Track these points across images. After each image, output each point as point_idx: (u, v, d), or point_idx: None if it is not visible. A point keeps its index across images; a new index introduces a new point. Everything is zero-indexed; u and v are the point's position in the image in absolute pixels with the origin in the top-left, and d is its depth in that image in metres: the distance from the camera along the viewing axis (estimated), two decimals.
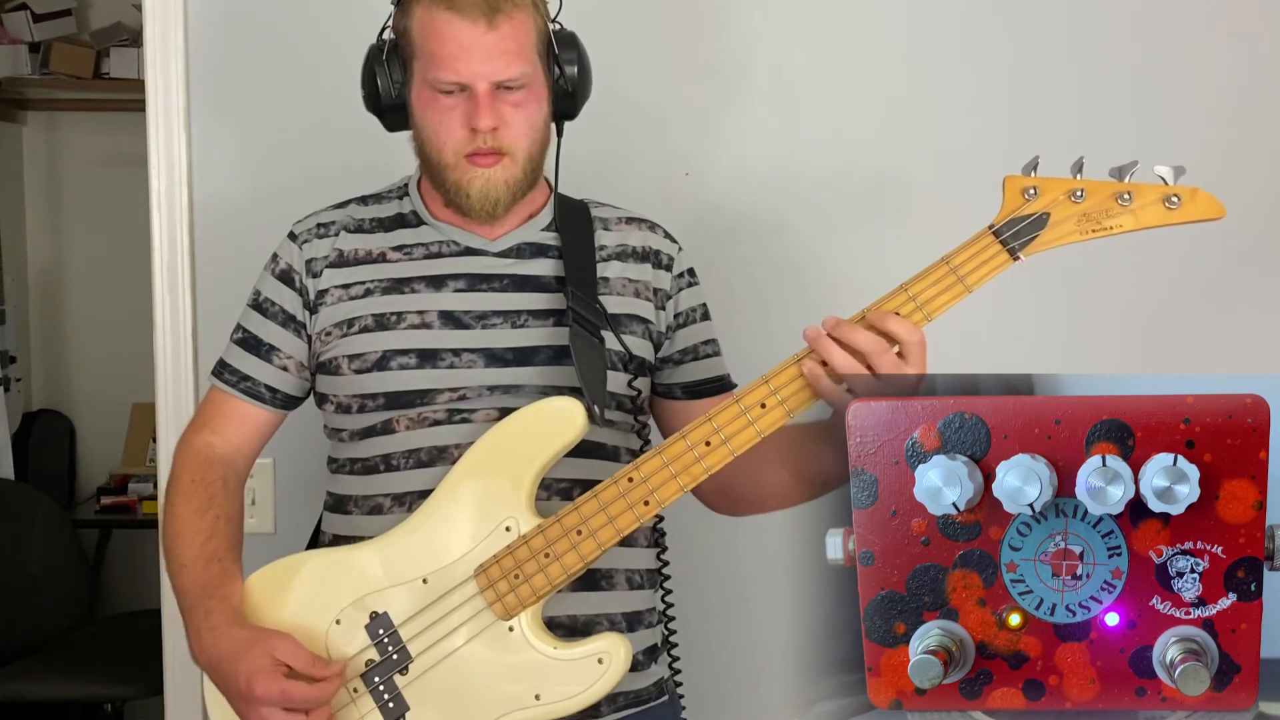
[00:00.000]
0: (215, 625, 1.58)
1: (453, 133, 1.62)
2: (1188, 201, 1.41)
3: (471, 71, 1.59)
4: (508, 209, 1.66)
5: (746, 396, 1.50)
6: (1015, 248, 1.44)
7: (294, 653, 1.54)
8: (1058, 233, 1.44)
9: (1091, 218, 1.43)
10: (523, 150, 1.63)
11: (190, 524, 1.66)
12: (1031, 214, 1.44)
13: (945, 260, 1.46)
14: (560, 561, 1.54)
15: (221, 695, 1.60)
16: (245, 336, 1.74)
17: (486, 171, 1.62)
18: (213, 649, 1.58)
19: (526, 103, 1.62)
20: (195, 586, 1.62)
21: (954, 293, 1.45)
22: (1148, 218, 1.42)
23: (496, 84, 1.60)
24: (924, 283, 1.46)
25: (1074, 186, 1.43)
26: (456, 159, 1.63)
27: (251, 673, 1.52)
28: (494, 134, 1.61)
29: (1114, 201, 1.42)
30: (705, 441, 1.51)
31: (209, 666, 1.59)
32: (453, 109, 1.61)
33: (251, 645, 1.55)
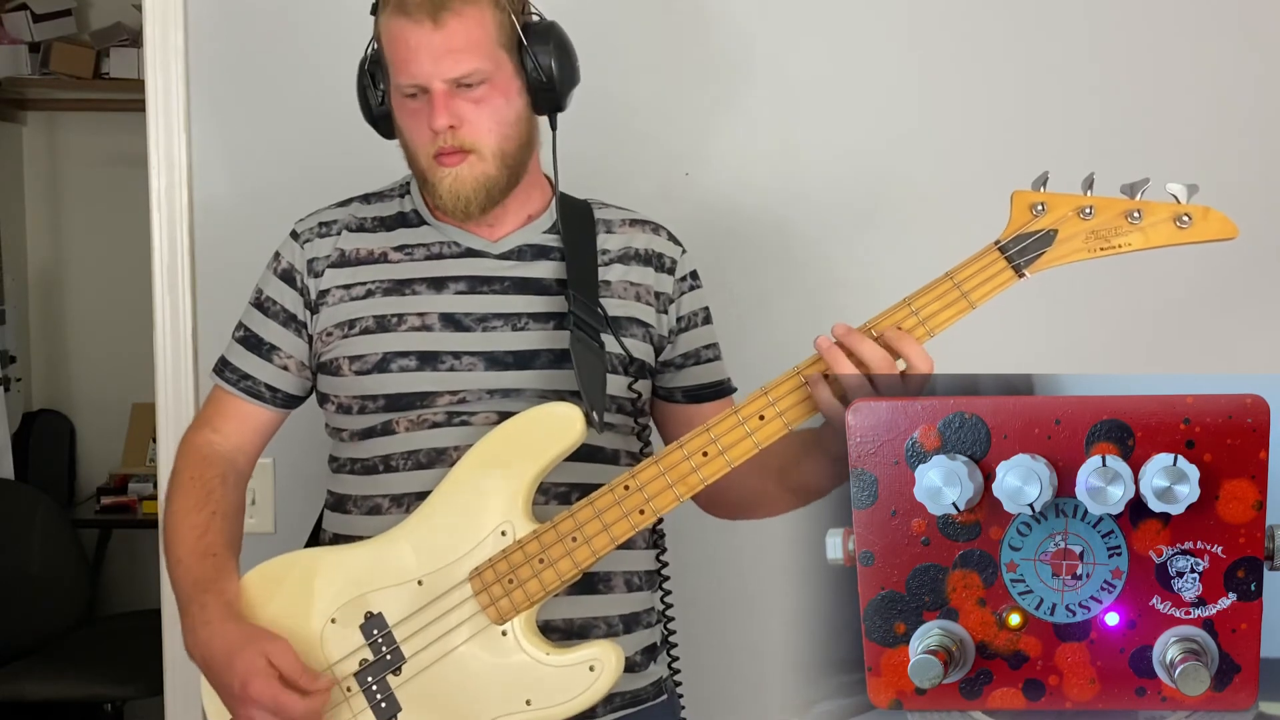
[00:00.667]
0: (210, 620, 1.58)
1: (418, 135, 1.62)
2: (1199, 221, 1.39)
3: (423, 72, 1.59)
4: (484, 207, 1.65)
5: (745, 408, 1.50)
6: (1021, 265, 1.43)
7: (286, 659, 1.54)
8: (1064, 250, 1.42)
9: (1100, 235, 1.40)
10: (490, 146, 1.62)
11: (186, 519, 1.67)
12: (1039, 230, 1.42)
13: (949, 275, 1.45)
14: (554, 567, 1.54)
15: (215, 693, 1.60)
16: (246, 335, 1.74)
17: (453, 170, 1.62)
18: (206, 644, 1.58)
19: (489, 98, 1.61)
20: (190, 580, 1.63)
21: (957, 309, 1.45)
22: (1158, 236, 1.40)
23: (452, 82, 1.59)
24: (927, 297, 1.45)
25: (1083, 203, 1.41)
26: (428, 161, 1.63)
27: (246, 673, 1.52)
28: (453, 133, 1.60)
29: (1123, 219, 1.40)
30: (703, 452, 1.50)
31: (203, 661, 1.59)
32: (417, 112, 1.62)
33: (246, 644, 1.55)
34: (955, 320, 1.45)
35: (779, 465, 1.61)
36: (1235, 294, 2.25)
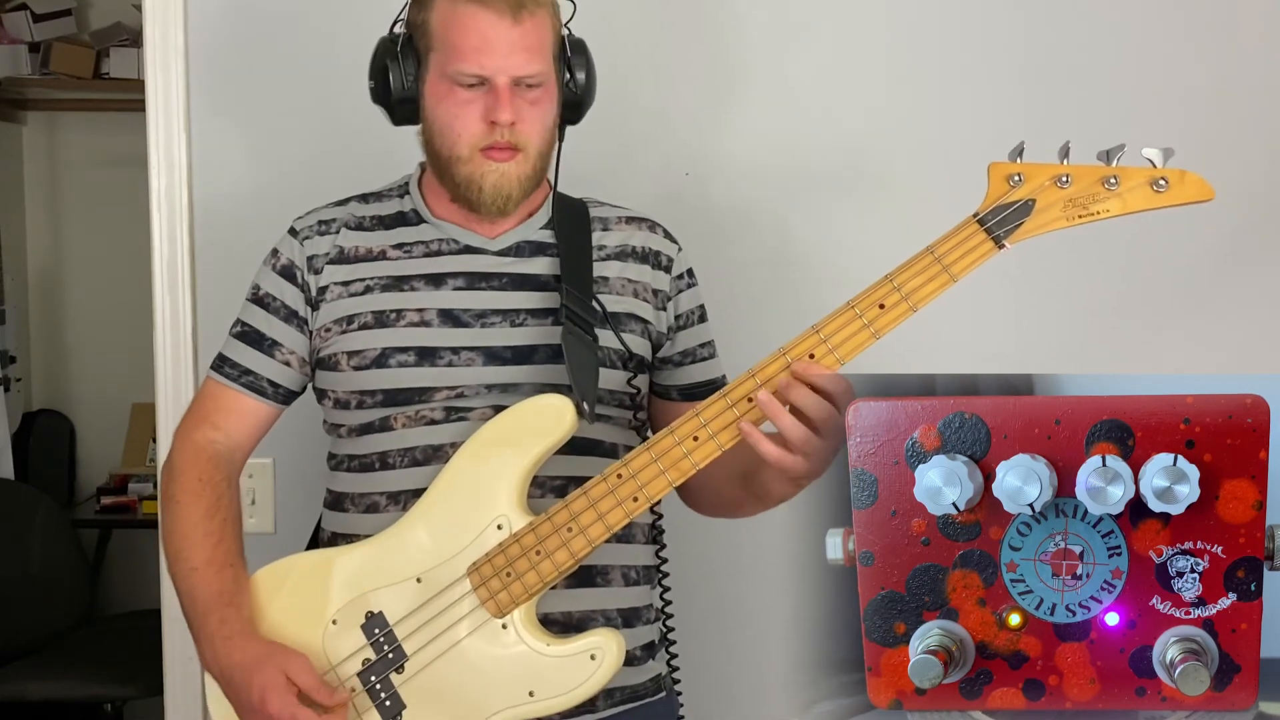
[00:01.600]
0: (230, 635, 1.59)
1: (469, 126, 1.62)
2: (1175, 184, 1.38)
3: (494, 65, 1.60)
4: (517, 205, 1.67)
5: (734, 391, 1.50)
6: (1000, 235, 1.42)
7: (305, 674, 1.55)
8: (1043, 219, 1.41)
9: (1078, 203, 1.40)
10: (535, 148, 1.65)
11: (199, 526, 1.66)
12: (1016, 200, 1.42)
13: (930, 250, 1.45)
14: (551, 559, 1.54)
15: (225, 700, 1.61)
16: (246, 331, 1.74)
17: (501, 166, 1.63)
18: (226, 659, 1.59)
19: (542, 101, 1.64)
20: (209, 593, 1.63)
21: (939, 282, 1.44)
22: (1135, 201, 1.39)
23: (516, 80, 1.61)
24: (908, 272, 1.45)
25: (1059, 172, 1.41)
26: (471, 152, 1.63)
27: (265, 688, 1.54)
28: (512, 129, 1.61)
29: (1100, 186, 1.40)
30: (693, 436, 1.51)
31: (221, 675, 1.60)
32: (470, 102, 1.62)
33: (266, 660, 1.56)
34: (938, 294, 1.44)
35: (742, 470, 1.62)
36: (1235, 293, 2.25)
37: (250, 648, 1.58)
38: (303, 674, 1.55)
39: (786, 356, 1.48)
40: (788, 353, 1.48)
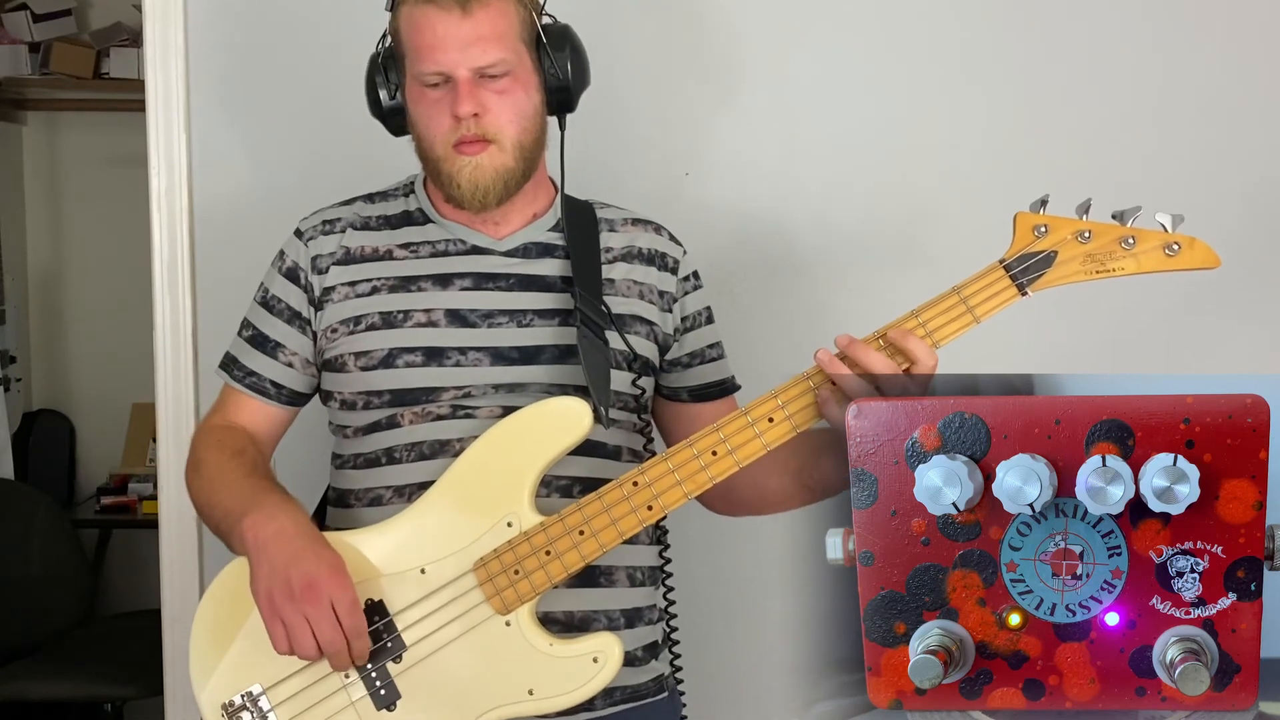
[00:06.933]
0: (283, 524, 1.55)
1: (440, 123, 1.63)
2: (1186, 249, 1.47)
3: (450, 60, 1.60)
4: (500, 199, 1.66)
5: (755, 409, 1.52)
6: (1024, 283, 1.49)
7: (347, 593, 1.52)
8: (1064, 271, 1.49)
9: (1096, 259, 1.48)
10: (510, 138, 1.64)
11: (228, 464, 1.66)
12: (1040, 251, 1.49)
13: (956, 290, 1.50)
14: (561, 560, 1.55)
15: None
16: (253, 334, 1.74)
17: (474, 159, 1.63)
18: (275, 536, 1.53)
19: (510, 90, 1.63)
20: (260, 490, 1.60)
21: (962, 323, 1.50)
22: (1149, 263, 1.48)
23: (477, 71, 1.61)
24: (934, 310, 1.50)
25: (1082, 228, 1.48)
26: (446, 150, 1.64)
27: (313, 574, 1.50)
28: (476, 121, 1.61)
29: (1118, 245, 1.47)
30: (712, 451, 1.53)
31: (258, 547, 1.54)
32: (438, 101, 1.63)
33: (319, 557, 1.52)
34: (960, 334, 1.50)
35: (798, 464, 1.63)
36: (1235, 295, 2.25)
37: (304, 540, 1.54)
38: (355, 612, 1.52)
39: (809, 382, 1.51)
40: (810, 378, 1.52)
